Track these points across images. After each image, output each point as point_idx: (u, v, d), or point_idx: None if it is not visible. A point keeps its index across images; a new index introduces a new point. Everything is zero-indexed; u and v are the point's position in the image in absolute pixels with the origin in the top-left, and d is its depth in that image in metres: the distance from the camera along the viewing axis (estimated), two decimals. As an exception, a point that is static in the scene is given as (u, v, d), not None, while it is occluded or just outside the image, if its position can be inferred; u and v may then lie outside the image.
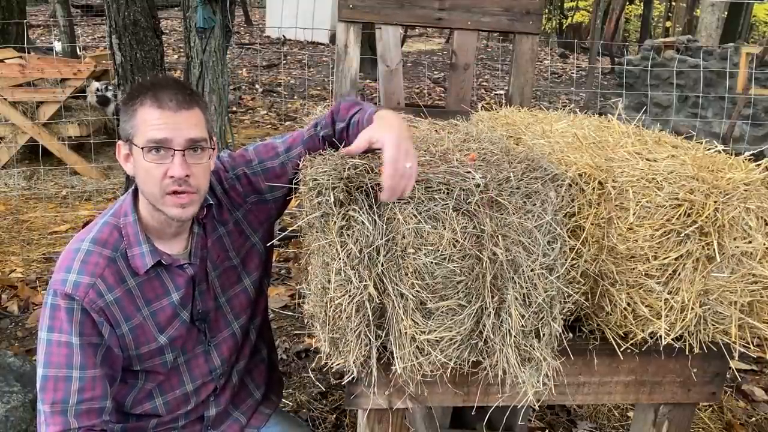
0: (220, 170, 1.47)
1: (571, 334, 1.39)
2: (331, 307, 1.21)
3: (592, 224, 1.32)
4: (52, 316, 1.29)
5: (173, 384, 1.47)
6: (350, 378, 1.27)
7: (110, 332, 1.33)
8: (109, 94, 5.71)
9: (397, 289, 1.20)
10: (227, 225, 1.48)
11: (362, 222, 1.17)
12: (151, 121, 1.26)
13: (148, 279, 1.37)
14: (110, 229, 1.36)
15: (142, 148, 1.27)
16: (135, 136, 1.29)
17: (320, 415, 2.49)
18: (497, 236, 1.21)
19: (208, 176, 1.37)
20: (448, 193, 1.20)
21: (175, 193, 1.28)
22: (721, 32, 10.85)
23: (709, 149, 1.50)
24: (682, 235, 1.27)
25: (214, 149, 1.37)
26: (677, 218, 1.26)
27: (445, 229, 1.18)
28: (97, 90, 5.68)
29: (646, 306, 1.31)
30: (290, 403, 2.56)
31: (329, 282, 1.20)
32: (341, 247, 1.18)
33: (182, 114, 1.28)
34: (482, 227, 1.20)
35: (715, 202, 1.26)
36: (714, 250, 1.27)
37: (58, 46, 8.62)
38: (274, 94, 9.25)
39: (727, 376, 1.53)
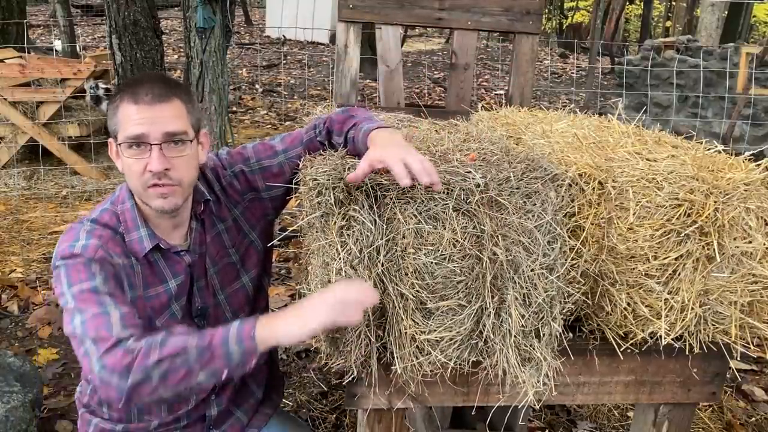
0: (218, 167, 1.48)
1: (571, 334, 1.39)
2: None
3: (592, 224, 1.32)
4: (67, 273, 1.26)
5: None
6: (350, 378, 1.27)
7: (122, 286, 1.32)
8: (100, 92, 5.71)
9: (397, 289, 1.20)
10: (226, 222, 1.49)
11: (362, 222, 1.17)
12: (128, 116, 1.28)
13: (147, 264, 1.38)
14: (109, 215, 1.37)
15: (121, 144, 1.29)
16: (117, 132, 1.30)
17: (320, 415, 2.49)
18: (497, 236, 1.21)
19: (193, 168, 1.36)
20: (448, 193, 1.20)
21: (155, 186, 1.29)
22: (721, 32, 10.85)
23: (709, 149, 1.50)
24: (682, 235, 1.27)
25: (193, 140, 1.34)
26: (677, 218, 1.26)
27: (445, 229, 1.18)
28: (90, 88, 5.69)
29: (646, 306, 1.31)
30: (290, 403, 2.56)
31: (329, 282, 1.20)
32: (341, 246, 1.18)
33: (158, 107, 1.28)
34: (482, 227, 1.20)
35: (715, 202, 1.27)
36: (714, 250, 1.27)
37: (58, 45, 8.62)
38: (274, 94, 9.25)
39: (727, 376, 1.53)
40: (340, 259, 1.18)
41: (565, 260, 1.28)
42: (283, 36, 14.70)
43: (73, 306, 1.24)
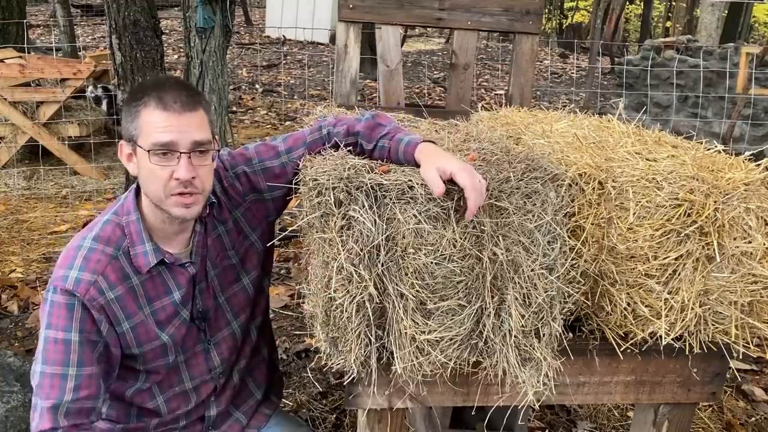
0: (219, 169, 1.48)
1: (571, 334, 1.39)
2: (331, 306, 1.22)
3: (592, 224, 1.32)
4: (51, 312, 1.29)
5: (172, 382, 1.47)
6: (350, 378, 1.27)
7: (109, 330, 1.33)
8: (99, 92, 5.74)
9: (397, 289, 1.20)
10: (227, 224, 1.48)
11: (362, 222, 1.17)
12: (156, 123, 1.27)
13: (150, 278, 1.38)
14: (112, 227, 1.37)
15: (148, 151, 1.27)
16: (139, 137, 1.29)
17: (320, 415, 2.49)
18: (497, 236, 1.21)
19: (212, 176, 1.37)
20: (448, 193, 1.20)
21: (180, 194, 1.29)
22: (721, 32, 10.85)
23: (709, 149, 1.50)
24: (682, 235, 1.27)
25: (218, 150, 1.38)
26: (677, 218, 1.26)
27: (445, 229, 1.18)
28: (92, 92, 5.71)
29: (646, 306, 1.31)
30: (290, 403, 2.56)
31: (330, 282, 1.20)
32: (341, 246, 1.18)
33: (186, 116, 1.28)
34: (482, 227, 1.20)
35: (715, 202, 1.27)
36: (714, 250, 1.27)
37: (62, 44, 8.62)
38: (274, 94, 9.25)
39: (727, 376, 1.53)
40: (340, 258, 1.18)
41: (565, 260, 1.28)
42: (283, 36, 14.69)
43: (41, 349, 1.29)
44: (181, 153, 1.27)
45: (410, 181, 1.21)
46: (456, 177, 1.18)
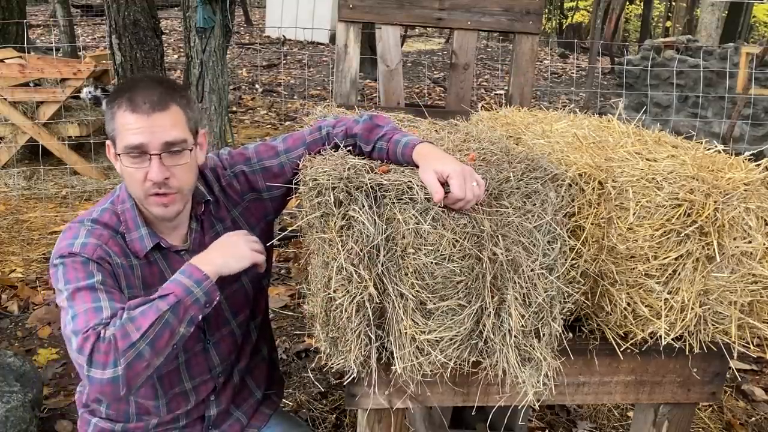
0: (218, 167, 1.48)
1: (571, 334, 1.39)
2: (331, 306, 1.22)
3: (592, 224, 1.32)
4: (65, 272, 1.27)
5: (172, 382, 1.47)
6: (350, 378, 1.27)
7: (120, 285, 1.33)
8: (99, 93, 5.74)
9: (397, 289, 1.20)
10: (225, 222, 1.49)
11: (362, 222, 1.17)
12: (126, 125, 1.28)
13: (147, 263, 1.39)
14: (109, 214, 1.38)
15: (119, 154, 1.29)
16: (116, 139, 1.31)
17: (320, 415, 2.49)
18: (497, 236, 1.21)
19: (192, 173, 1.36)
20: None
21: (156, 195, 1.30)
22: (721, 32, 10.85)
23: (709, 149, 1.50)
24: (682, 235, 1.27)
25: (192, 149, 1.34)
26: (677, 218, 1.26)
27: (445, 229, 1.18)
28: (88, 93, 5.71)
29: (646, 306, 1.31)
30: (290, 403, 2.56)
31: (329, 282, 1.20)
32: (341, 246, 1.18)
33: (155, 116, 1.27)
34: (482, 227, 1.20)
35: (715, 202, 1.27)
36: (714, 250, 1.27)
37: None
38: (274, 94, 9.25)
39: (727, 376, 1.53)
40: (340, 258, 1.18)
41: (565, 260, 1.28)
42: (283, 36, 14.69)
43: (67, 304, 1.24)
44: (151, 155, 1.27)
45: (410, 181, 1.21)
46: (449, 180, 1.18)
